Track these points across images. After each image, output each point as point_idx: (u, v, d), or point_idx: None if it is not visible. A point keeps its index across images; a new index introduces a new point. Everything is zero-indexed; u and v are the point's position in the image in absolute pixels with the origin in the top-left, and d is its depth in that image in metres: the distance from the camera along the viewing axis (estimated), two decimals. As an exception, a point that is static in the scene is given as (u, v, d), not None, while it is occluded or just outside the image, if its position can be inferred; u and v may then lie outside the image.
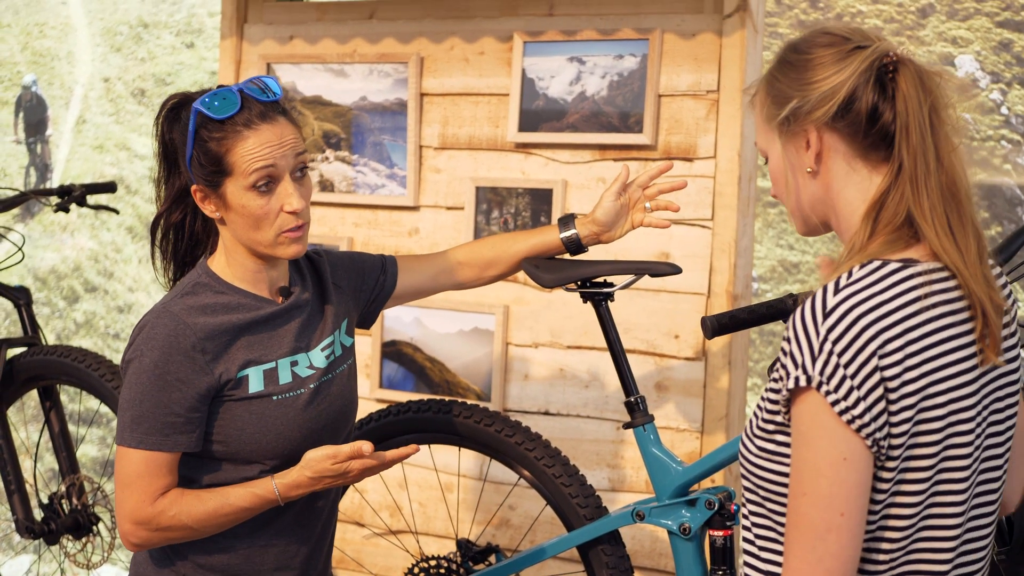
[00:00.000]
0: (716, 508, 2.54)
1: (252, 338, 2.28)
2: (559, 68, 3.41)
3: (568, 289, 2.68)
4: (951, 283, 1.70)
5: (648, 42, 3.30)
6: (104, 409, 3.76)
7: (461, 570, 2.91)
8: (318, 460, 2.25)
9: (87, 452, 8.35)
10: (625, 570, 2.68)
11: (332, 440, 2.36)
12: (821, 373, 1.62)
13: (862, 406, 1.60)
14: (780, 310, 2.48)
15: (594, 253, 2.76)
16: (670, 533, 2.60)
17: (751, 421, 1.77)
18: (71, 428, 3.98)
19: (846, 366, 1.61)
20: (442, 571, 2.93)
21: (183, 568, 2.32)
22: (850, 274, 1.69)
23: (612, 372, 3.35)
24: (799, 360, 1.64)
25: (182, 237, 2.37)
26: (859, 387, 1.61)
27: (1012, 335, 1.80)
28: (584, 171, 3.39)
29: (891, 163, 1.71)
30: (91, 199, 6.50)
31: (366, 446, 2.26)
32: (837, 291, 1.66)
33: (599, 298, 2.68)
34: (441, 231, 3.59)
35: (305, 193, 2.26)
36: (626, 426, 2.69)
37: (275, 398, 2.28)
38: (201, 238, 2.38)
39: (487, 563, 2.92)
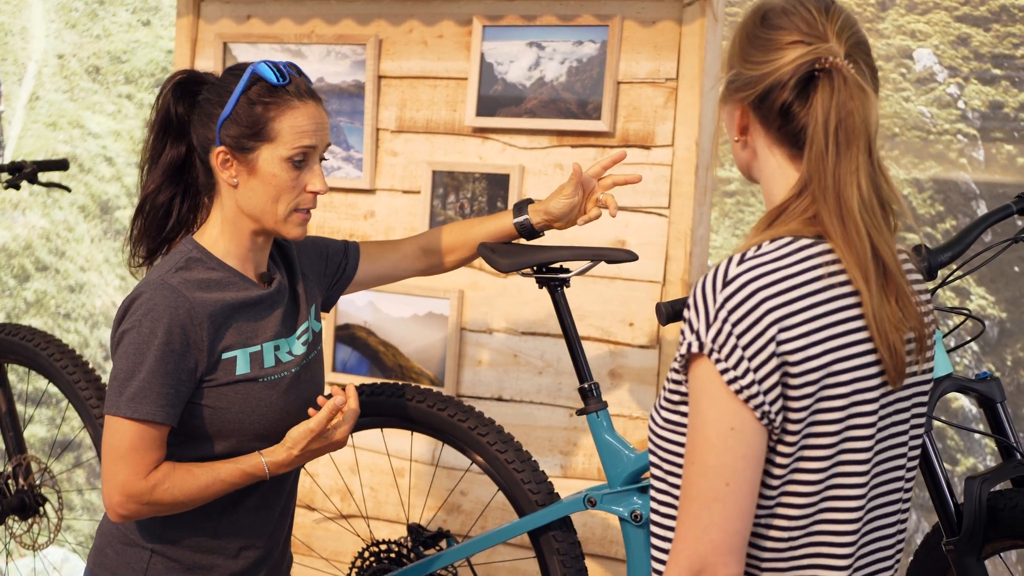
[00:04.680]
0: (668, 495, 2.55)
1: (242, 320, 2.30)
2: (518, 53, 3.40)
3: (524, 274, 2.68)
4: None
5: (608, 28, 3.29)
6: (53, 389, 3.72)
7: (412, 555, 2.90)
8: (302, 436, 2.29)
9: (35, 432, 8.27)
10: (576, 556, 2.68)
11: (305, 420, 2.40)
12: (713, 341, 1.62)
13: (750, 377, 1.60)
14: None
15: (550, 239, 2.76)
16: (621, 520, 2.61)
17: (660, 393, 1.77)
18: (19, 408, 3.93)
19: (739, 336, 1.61)
20: (392, 555, 2.92)
21: (151, 542, 2.34)
22: (759, 247, 1.69)
23: (566, 359, 3.35)
24: (695, 326, 1.65)
25: (168, 216, 2.38)
26: (751, 359, 1.61)
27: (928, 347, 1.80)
28: (542, 157, 3.38)
29: (803, 169, 1.71)
30: (43, 176, 6.44)
31: (339, 399, 2.31)
32: (741, 262, 1.66)
33: (555, 284, 2.68)
34: (397, 215, 3.57)
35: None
36: (579, 412, 2.69)
37: (260, 380, 2.31)
38: (185, 219, 2.39)
39: (438, 548, 2.91)
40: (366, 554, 2.95)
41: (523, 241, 2.69)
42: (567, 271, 2.67)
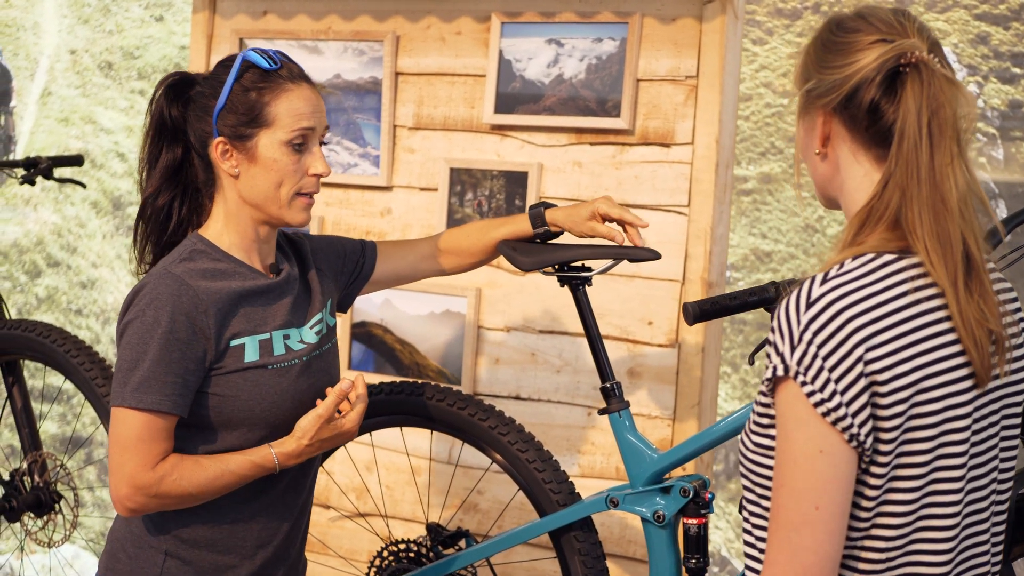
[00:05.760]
0: (691, 496, 2.53)
1: (249, 308, 2.29)
2: (537, 50, 3.38)
3: (546, 273, 2.66)
4: None
5: (627, 26, 3.27)
6: (66, 386, 3.71)
7: (431, 554, 2.89)
8: (311, 424, 2.28)
9: (46, 429, 8.27)
10: (597, 556, 2.66)
11: None
12: (799, 364, 1.61)
13: (837, 399, 1.58)
14: (763, 298, 2.46)
15: (571, 236, 2.74)
16: (644, 520, 2.59)
17: (750, 417, 1.75)
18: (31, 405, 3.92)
19: (825, 358, 1.59)
20: (412, 555, 2.90)
21: (164, 544, 2.30)
22: (841, 265, 1.67)
23: (584, 357, 3.33)
24: (780, 349, 1.63)
25: (168, 219, 2.37)
26: (838, 381, 1.59)
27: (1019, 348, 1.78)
28: (560, 154, 3.37)
29: (887, 164, 1.69)
30: (57, 172, 6.43)
31: (345, 383, 2.30)
32: (824, 282, 1.64)
33: (576, 282, 2.66)
34: (414, 212, 3.56)
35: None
36: (601, 412, 2.66)
37: (270, 367, 2.29)
38: (185, 221, 2.38)
39: (457, 548, 2.89)
40: (385, 553, 2.94)
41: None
42: (589, 270, 2.66)
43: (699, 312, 2.48)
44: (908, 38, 1.69)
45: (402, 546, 2.92)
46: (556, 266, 2.65)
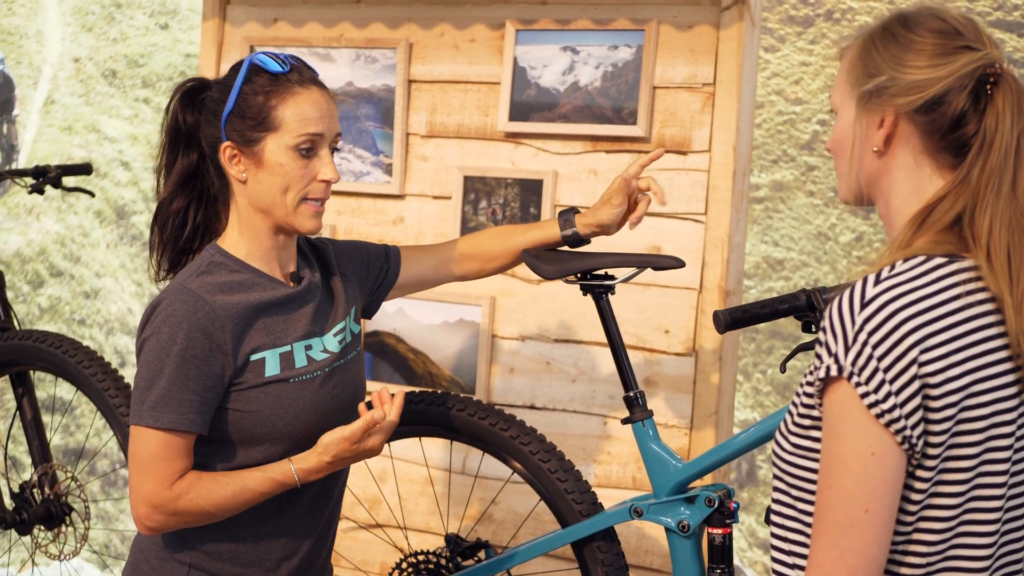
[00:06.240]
0: (716, 506, 2.51)
1: (269, 320, 2.25)
2: (552, 57, 3.36)
3: (568, 281, 2.64)
4: None
5: (644, 33, 3.25)
6: (68, 396, 3.68)
7: (450, 565, 2.86)
8: (335, 443, 2.23)
9: (52, 440, 8.23)
10: (620, 568, 2.64)
11: (343, 424, 2.33)
12: (853, 364, 1.59)
13: (892, 401, 1.57)
14: (794, 306, 2.44)
15: (591, 244, 2.72)
16: (668, 531, 2.56)
17: (786, 418, 1.73)
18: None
19: (880, 359, 1.58)
20: (431, 566, 2.88)
21: (188, 557, 2.28)
22: (893, 267, 1.65)
23: (599, 366, 3.31)
24: (833, 349, 1.61)
25: (183, 225, 2.34)
26: (892, 382, 1.57)
27: None
28: (575, 162, 3.35)
29: (957, 172, 1.67)
30: (65, 181, 6.39)
31: (378, 414, 2.24)
32: (878, 282, 1.62)
33: (600, 291, 2.64)
34: (427, 220, 3.54)
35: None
36: (625, 421, 2.65)
37: (291, 381, 2.26)
38: (201, 228, 2.35)
39: (476, 559, 2.87)
40: (404, 565, 2.91)
41: (566, 248, 2.65)
42: (612, 278, 2.64)
43: (730, 320, 2.46)
44: (986, 47, 1.68)
45: (421, 557, 2.90)
46: (579, 274, 2.63)
